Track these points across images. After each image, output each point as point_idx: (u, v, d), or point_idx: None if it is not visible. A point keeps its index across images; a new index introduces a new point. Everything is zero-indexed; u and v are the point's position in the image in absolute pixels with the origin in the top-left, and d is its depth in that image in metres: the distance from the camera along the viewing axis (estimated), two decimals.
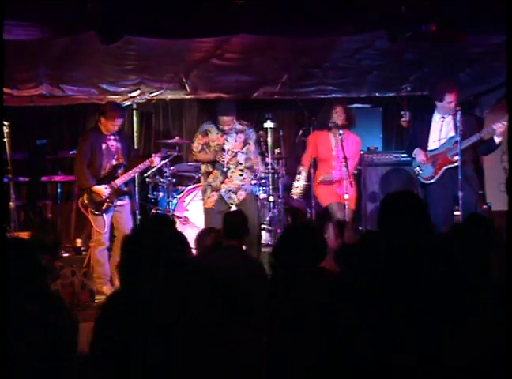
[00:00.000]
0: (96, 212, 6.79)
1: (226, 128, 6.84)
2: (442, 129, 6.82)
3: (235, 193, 6.87)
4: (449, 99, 6.77)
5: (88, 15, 5.92)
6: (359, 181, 8.29)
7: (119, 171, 6.91)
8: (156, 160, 7.11)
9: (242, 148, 6.89)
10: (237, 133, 6.90)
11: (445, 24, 6.53)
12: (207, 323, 2.71)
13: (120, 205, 6.91)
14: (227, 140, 6.90)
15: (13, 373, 2.71)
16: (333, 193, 7.14)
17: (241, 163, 6.91)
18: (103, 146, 6.85)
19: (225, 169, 6.82)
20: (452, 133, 6.81)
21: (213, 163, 6.90)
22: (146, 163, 7.02)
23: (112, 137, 6.91)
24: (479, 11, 6.39)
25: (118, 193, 6.86)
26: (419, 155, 6.91)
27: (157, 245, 2.86)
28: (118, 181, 6.86)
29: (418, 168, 6.94)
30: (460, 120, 6.69)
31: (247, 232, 5.46)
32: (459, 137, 6.66)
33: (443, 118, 6.83)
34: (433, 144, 6.90)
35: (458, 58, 8.14)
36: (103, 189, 6.77)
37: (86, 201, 6.79)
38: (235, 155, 6.87)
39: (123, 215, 6.95)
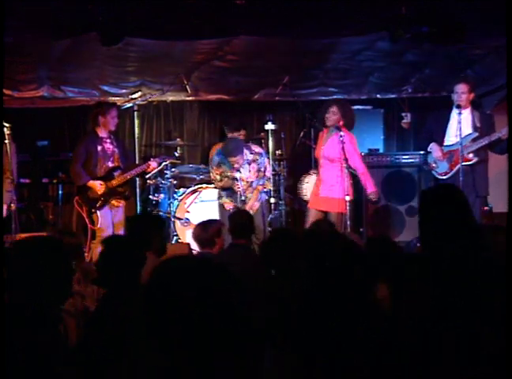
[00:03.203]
0: (92, 210, 6.85)
1: (236, 165, 6.89)
2: (459, 124, 6.71)
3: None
4: (458, 90, 6.74)
5: (89, 16, 5.93)
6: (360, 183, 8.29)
7: (116, 174, 6.98)
8: (153, 165, 7.16)
9: (257, 177, 6.96)
10: (249, 163, 6.97)
11: (445, 25, 6.54)
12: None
13: (118, 206, 6.96)
14: (240, 172, 6.92)
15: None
16: (315, 196, 7.12)
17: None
18: (99, 148, 6.95)
19: (243, 197, 6.88)
20: (469, 130, 6.77)
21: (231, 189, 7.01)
22: (142, 166, 7.11)
23: (108, 140, 7.02)
24: (479, 12, 6.39)
25: (113, 193, 6.92)
26: (435, 150, 6.87)
27: None
28: (114, 183, 6.92)
29: (433, 163, 6.90)
30: (478, 117, 6.68)
31: (254, 230, 5.55)
32: (475, 135, 6.66)
33: (460, 113, 6.71)
34: (450, 139, 6.86)
35: (459, 59, 8.14)
36: (98, 185, 6.82)
37: (81, 200, 6.87)
38: (251, 185, 6.96)
39: (116, 218, 7.04)
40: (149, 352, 2.39)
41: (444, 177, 6.84)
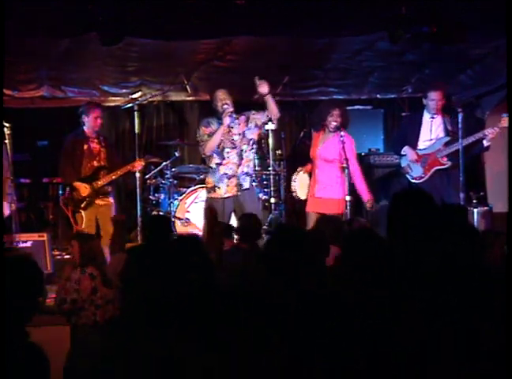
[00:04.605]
0: (76, 210, 6.91)
1: (226, 106, 6.66)
2: (432, 128, 6.82)
3: (250, 176, 6.82)
4: (432, 97, 6.76)
5: (89, 16, 5.94)
6: None
7: (101, 173, 7.03)
8: (137, 165, 7.17)
9: (247, 126, 6.83)
10: (237, 117, 6.85)
11: (445, 25, 6.55)
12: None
13: (104, 205, 7.01)
14: (232, 127, 6.80)
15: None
16: (311, 197, 7.01)
17: (251, 139, 6.83)
18: (85, 147, 7.04)
19: (239, 150, 6.75)
20: (442, 134, 6.84)
21: (223, 153, 6.81)
22: (127, 167, 7.13)
23: (96, 140, 7.09)
24: (479, 12, 6.40)
25: (98, 193, 6.98)
26: (410, 153, 6.87)
27: None
28: (100, 183, 6.97)
29: (407, 167, 6.93)
30: (449, 121, 6.74)
31: (260, 236, 5.52)
32: (447, 139, 6.72)
33: (433, 117, 6.82)
34: (423, 143, 6.90)
35: (459, 59, 8.15)
36: (84, 187, 6.88)
37: (66, 199, 6.94)
38: (244, 135, 6.80)
39: (106, 216, 7.06)
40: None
41: (419, 181, 6.86)
